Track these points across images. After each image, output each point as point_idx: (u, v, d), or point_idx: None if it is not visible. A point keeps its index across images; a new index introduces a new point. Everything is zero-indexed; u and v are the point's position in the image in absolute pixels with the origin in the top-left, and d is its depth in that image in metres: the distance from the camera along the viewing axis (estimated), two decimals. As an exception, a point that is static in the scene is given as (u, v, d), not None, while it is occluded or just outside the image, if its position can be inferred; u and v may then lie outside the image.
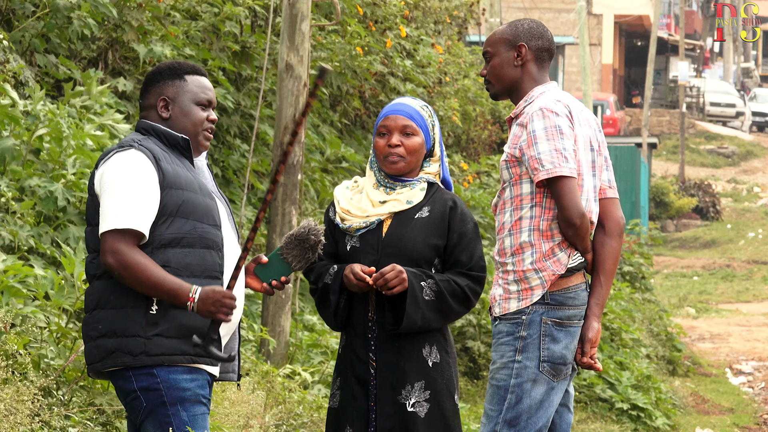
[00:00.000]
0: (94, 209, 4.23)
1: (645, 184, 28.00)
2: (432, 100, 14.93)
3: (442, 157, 4.80)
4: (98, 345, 4.19)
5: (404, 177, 4.72)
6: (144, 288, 4.12)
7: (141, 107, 4.41)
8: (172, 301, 4.14)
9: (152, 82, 4.38)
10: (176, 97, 4.36)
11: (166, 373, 4.17)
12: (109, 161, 4.22)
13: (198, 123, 4.37)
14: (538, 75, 4.76)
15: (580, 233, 4.56)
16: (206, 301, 4.13)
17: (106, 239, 4.12)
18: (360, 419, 4.62)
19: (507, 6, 36.19)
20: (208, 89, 4.42)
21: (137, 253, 4.12)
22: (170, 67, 4.39)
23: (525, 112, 4.67)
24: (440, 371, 4.66)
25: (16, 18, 8.52)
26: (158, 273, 4.11)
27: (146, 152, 4.21)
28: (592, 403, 10.52)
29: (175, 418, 4.20)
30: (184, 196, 4.22)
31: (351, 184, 4.80)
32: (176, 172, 4.24)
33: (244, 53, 10.84)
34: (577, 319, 4.62)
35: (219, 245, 4.28)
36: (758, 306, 22.57)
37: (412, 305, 4.55)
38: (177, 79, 4.37)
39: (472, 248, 4.69)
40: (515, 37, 4.74)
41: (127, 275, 4.11)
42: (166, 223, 4.19)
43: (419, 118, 4.70)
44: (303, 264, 4.45)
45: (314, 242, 4.41)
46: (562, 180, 4.52)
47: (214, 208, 4.31)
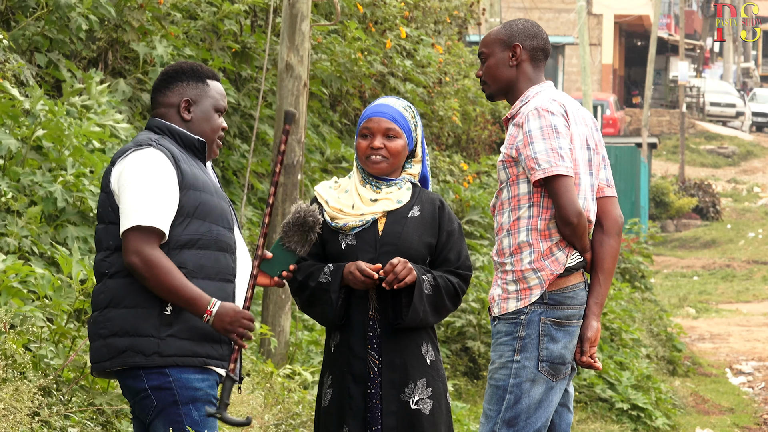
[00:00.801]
0: (108, 206, 4.20)
1: (645, 184, 28.00)
2: (432, 100, 14.94)
3: (423, 157, 4.81)
4: (108, 344, 4.17)
5: (388, 177, 4.73)
6: (164, 291, 4.10)
7: (158, 104, 4.35)
8: (188, 309, 4.13)
9: (174, 80, 4.34)
10: (199, 101, 4.34)
11: (178, 373, 4.17)
12: (128, 158, 4.18)
13: (216, 129, 4.37)
14: (534, 75, 4.76)
15: (578, 232, 4.56)
16: (224, 318, 4.13)
17: (129, 237, 4.10)
18: (357, 417, 4.61)
19: (507, 6, 36.19)
20: (224, 97, 4.43)
21: (162, 256, 4.10)
22: (193, 68, 4.36)
23: (521, 112, 4.68)
24: (436, 369, 4.69)
25: (16, 18, 8.52)
26: (181, 279, 4.10)
27: (165, 152, 4.18)
28: (592, 403, 10.52)
29: (186, 418, 4.19)
30: (201, 198, 4.21)
31: (332, 183, 4.80)
32: (194, 173, 4.22)
33: (244, 53, 10.85)
34: (576, 318, 4.62)
35: (233, 248, 4.29)
36: (758, 306, 22.56)
37: (418, 297, 4.56)
38: (200, 82, 4.35)
39: (459, 247, 4.72)
40: (510, 38, 4.75)
41: (150, 276, 4.08)
42: (183, 224, 4.18)
43: (402, 121, 4.71)
44: (307, 247, 4.48)
45: (312, 222, 4.46)
46: (558, 179, 4.53)
47: (228, 210, 4.31)
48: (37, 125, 6.91)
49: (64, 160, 6.92)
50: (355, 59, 12.01)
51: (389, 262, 4.55)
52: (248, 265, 4.39)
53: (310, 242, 4.48)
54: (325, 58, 11.90)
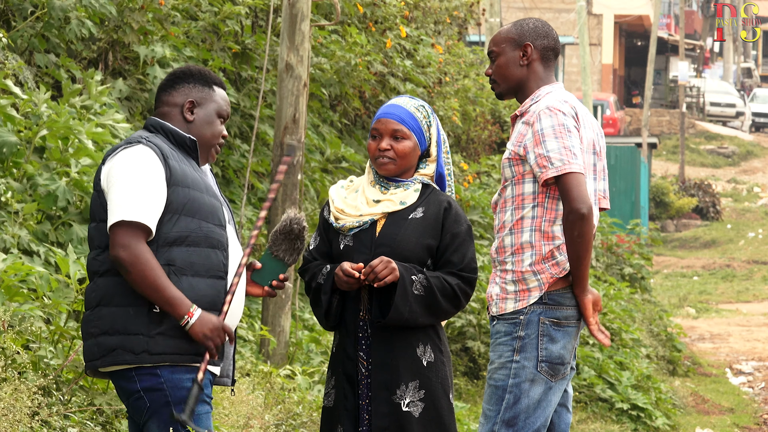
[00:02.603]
0: (99, 205, 4.22)
1: (645, 184, 27.99)
2: (432, 100, 14.94)
3: (439, 156, 4.79)
4: (99, 342, 4.18)
5: (398, 178, 4.73)
6: (146, 288, 4.10)
7: (162, 103, 4.38)
8: (168, 310, 4.12)
9: (181, 81, 4.37)
10: (203, 104, 4.36)
11: (169, 373, 4.17)
12: (117, 156, 4.21)
13: (217, 134, 4.40)
14: (544, 74, 4.75)
15: (585, 228, 4.46)
16: (205, 324, 4.15)
17: (115, 232, 4.11)
18: (350, 418, 4.62)
19: (507, 6, 36.20)
20: (228, 104, 4.46)
21: (148, 252, 4.11)
22: (201, 72, 4.40)
23: (531, 111, 4.65)
24: (435, 370, 4.65)
25: (14, 19, 8.52)
26: (164, 278, 4.11)
27: (154, 148, 4.20)
28: (592, 403, 10.52)
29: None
30: (190, 195, 4.22)
31: (346, 183, 4.82)
32: (183, 170, 4.24)
33: (244, 54, 10.85)
34: (575, 319, 4.62)
35: (224, 245, 4.28)
36: (758, 306, 22.56)
37: (400, 296, 4.54)
38: (206, 86, 4.39)
39: (464, 250, 4.67)
40: (521, 37, 4.74)
41: (134, 271, 4.09)
42: (172, 220, 4.18)
43: (411, 121, 4.70)
44: (295, 255, 4.50)
45: (298, 230, 4.47)
46: (571, 175, 4.49)
47: (219, 208, 4.31)
48: (42, 124, 6.92)
49: (68, 159, 6.93)
50: (355, 65, 12.00)
51: (369, 263, 4.55)
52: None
53: (298, 250, 4.49)
54: (324, 62, 11.90)
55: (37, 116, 6.99)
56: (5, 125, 6.87)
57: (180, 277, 4.16)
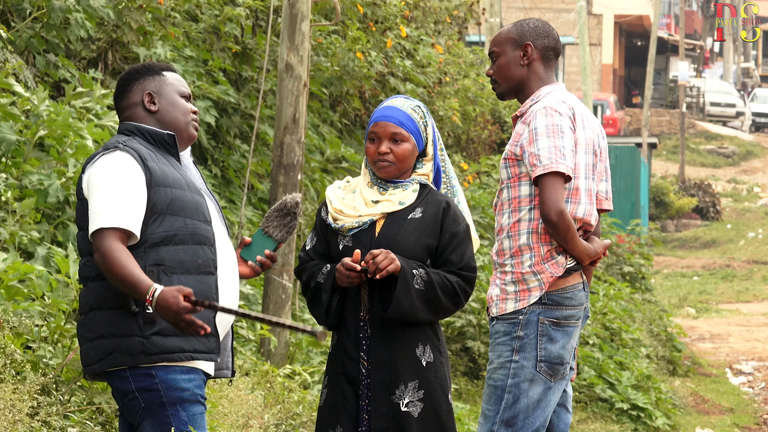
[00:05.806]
0: (83, 213, 4.23)
1: (645, 184, 27.99)
2: (432, 100, 14.94)
3: (435, 156, 4.79)
4: (95, 346, 4.18)
5: (396, 179, 4.73)
6: (114, 280, 4.07)
7: (121, 109, 4.38)
8: (135, 296, 4.08)
9: (130, 81, 4.37)
10: (160, 90, 4.36)
11: (164, 374, 4.17)
12: (95, 164, 4.21)
13: (187, 112, 4.39)
14: (545, 74, 4.75)
15: (559, 231, 4.51)
16: (166, 309, 4.01)
17: (95, 239, 4.12)
18: (350, 418, 4.62)
19: (507, 6, 36.20)
20: (184, 83, 4.45)
21: (117, 246, 4.07)
22: (145, 66, 4.40)
23: (530, 111, 4.67)
24: (434, 371, 4.65)
25: (13, 19, 8.52)
26: (127, 267, 4.04)
27: (132, 152, 4.20)
28: (592, 403, 10.52)
29: (174, 419, 4.20)
30: (172, 194, 4.22)
31: (343, 183, 4.81)
32: (163, 170, 4.23)
33: (244, 54, 10.85)
34: (574, 319, 4.63)
35: (211, 240, 4.28)
36: (758, 306, 22.56)
37: (402, 289, 4.53)
38: (156, 75, 4.38)
39: (463, 249, 4.67)
40: (521, 37, 4.74)
41: (104, 268, 4.08)
42: (157, 221, 4.18)
43: (409, 123, 4.70)
44: (285, 232, 4.50)
45: (291, 205, 4.47)
46: (551, 176, 4.50)
47: (203, 204, 4.30)
48: (40, 124, 6.92)
49: (66, 158, 6.93)
50: (355, 63, 12.00)
51: (369, 252, 4.54)
52: (232, 257, 4.38)
53: (288, 227, 4.48)
54: (325, 61, 11.90)
55: (36, 115, 6.99)
56: (6, 121, 6.87)
57: (170, 276, 4.15)
